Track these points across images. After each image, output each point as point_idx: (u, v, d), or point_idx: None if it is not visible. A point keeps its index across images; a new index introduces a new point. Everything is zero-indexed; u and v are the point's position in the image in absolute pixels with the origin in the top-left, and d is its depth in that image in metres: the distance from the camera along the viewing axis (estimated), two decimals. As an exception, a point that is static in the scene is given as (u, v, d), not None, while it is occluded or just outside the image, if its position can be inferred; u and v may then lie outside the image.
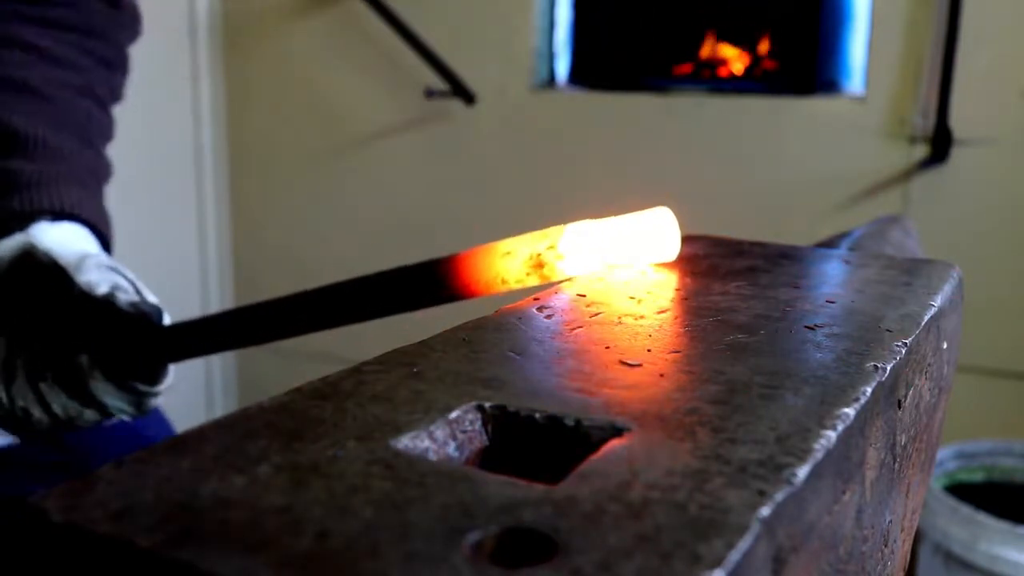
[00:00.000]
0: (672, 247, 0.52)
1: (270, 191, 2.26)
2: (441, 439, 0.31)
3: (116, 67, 0.84)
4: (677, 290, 0.49)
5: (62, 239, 0.66)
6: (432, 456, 0.30)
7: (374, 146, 2.12)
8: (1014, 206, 1.71)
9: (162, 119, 2.11)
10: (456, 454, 0.31)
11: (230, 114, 2.24)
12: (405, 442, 0.29)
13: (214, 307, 2.27)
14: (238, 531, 0.23)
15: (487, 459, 0.32)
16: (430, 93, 1.98)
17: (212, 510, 0.25)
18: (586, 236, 0.48)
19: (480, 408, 0.32)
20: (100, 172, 0.77)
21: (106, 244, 0.72)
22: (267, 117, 2.22)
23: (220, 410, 2.28)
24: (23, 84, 0.74)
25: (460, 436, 0.31)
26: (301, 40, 2.14)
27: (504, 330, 0.41)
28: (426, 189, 2.10)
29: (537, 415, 0.32)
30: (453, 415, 0.32)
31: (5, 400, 0.64)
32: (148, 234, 2.02)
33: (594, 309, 0.45)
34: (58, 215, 0.68)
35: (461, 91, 1.97)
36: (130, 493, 0.25)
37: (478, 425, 0.32)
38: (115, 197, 0.79)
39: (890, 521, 0.40)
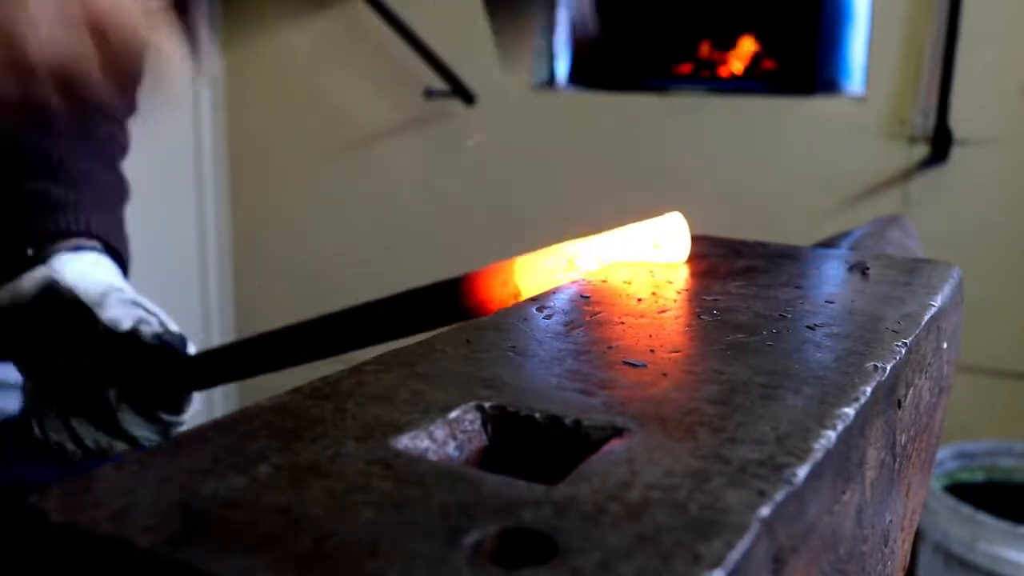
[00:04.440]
0: (683, 251, 0.53)
1: (270, 191, 2.26)
2: (441, 439, 0.31)
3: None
4: (678, 290, 0.49)
5: (83, 272, 0.67)
6: (432, 456, 0.30)
7: (374, 146, 2.12)
8: (1014, 206, 1.71)
9: (162, 118, 2.11)
10: (456, 454, 0.31)
11: (230, 114, 2.24)
12: (405, 442, 0.29)
13: (213, 307, 2.27)
14: (238, 531, 0.23)
15: (487, 459, 0.32)
16: (430, 93, 1.98)
17: (212, 510, 0.24)
18: (604, 250, 0.49)
19: (480, 408, 0.32)
20: (121, 194, 0.78)
21: (124, 268, 0.73)
22: (267, 117, 2.22)
23: (220, 410, 2.28)
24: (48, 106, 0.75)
25: (460, 436, 0.31)
26: (301, 40, 2.14)
27: (504, 330, 0.41)
28: (426, 189, 2.10)
29: (537, 415, 0.32)
30: (453, 415, 0.32)
31: (40, 435, 0.65)
32: (148, 235, 2.02)
33: (595, 309, 0.44)
34: (80, 241, 0.69)
35: (461, 91, 1.97)
36: (130, 493, 0.25)
37: (478, 425, 0.32)
38: (115, 197, 0.79)
39: (890, 521, 0.40)
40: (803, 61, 1.95)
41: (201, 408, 0.68)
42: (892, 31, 1.73)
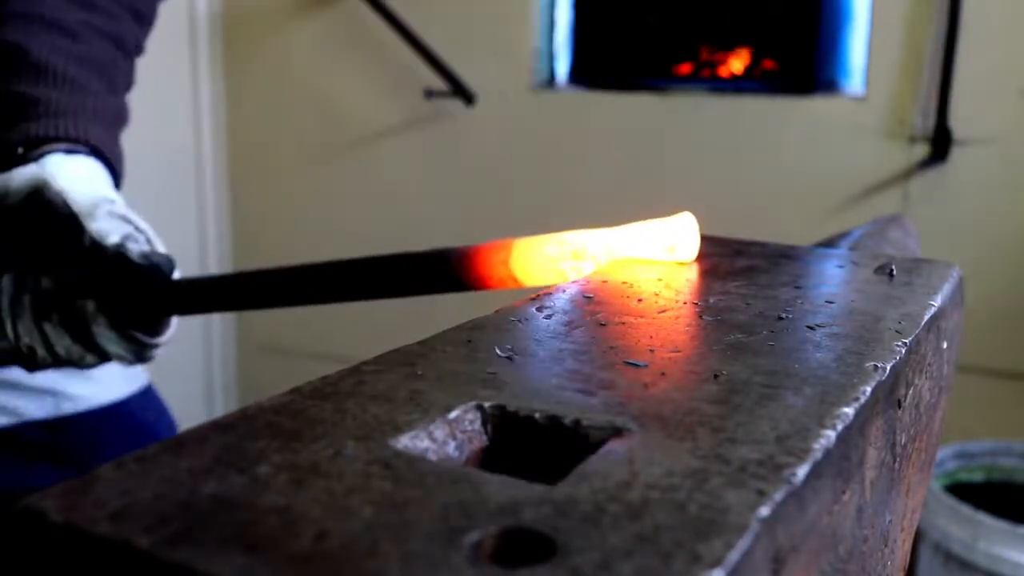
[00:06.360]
0: (692, 251, 0.53)
1: (270, 191, 2.26)
2: (441, 439, 0.31)
3: (145, 19, 0.84)
4: (678, 290, 0.49)
5: (77, 175, 0.65)
6: (432, 456, 0.30)
7: (374, 146, 2.12)
8: (1014, 206, 1.71)
9: (162, 119, 2.11)
10: (456, 454, 0.31)
11: (230, 114, 2.24)
12: (405, 442, 0.29)
13: (214, 307, 2.27)
14: (238, 531, 0.23)
15: (487, 459, 0.32)
16: (430, 93, 1.98)
17: (212, 510, 0.24)
18: (611, 243, 0.48)
19: (480, 408, 0.32)
20: (119, 115, 0.77)
21: (116, 182, 0.72)
22: (267, 117, 2.22)
23: (220, 410, 2.28)
24: (56, 23, 0.74)
25: (460, 436, 0.31)
26: (301, 40, 2.14)
27: (504, 330, 0.41)
28: (426, 189, 2.10)
29: (537, 415, 0.32)
30: (453, 415, 0.32)
31: (11, 336, 0.64)
32: (148, 234, 2.02)
33: (595, 309, 0.44)
34: (74, 146, 0.68)
35: (461, 91, 1.97)
36: (129, 493, 0.25)
37: (478, 425, 0.32)
38: (115, 197, 0.79)
39: (890, 521, 0.40)
40: (803, 61, 1.96)
41: (201, 408, 0.68)
42: (892, 31, 1.73)
